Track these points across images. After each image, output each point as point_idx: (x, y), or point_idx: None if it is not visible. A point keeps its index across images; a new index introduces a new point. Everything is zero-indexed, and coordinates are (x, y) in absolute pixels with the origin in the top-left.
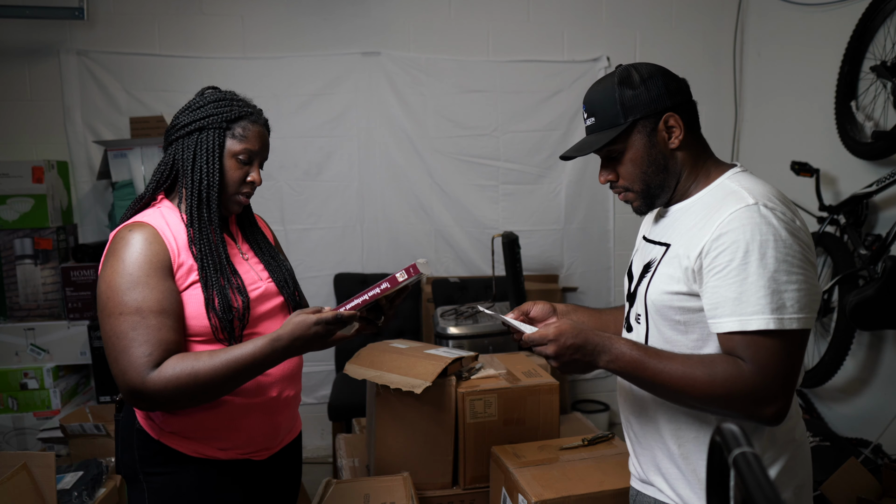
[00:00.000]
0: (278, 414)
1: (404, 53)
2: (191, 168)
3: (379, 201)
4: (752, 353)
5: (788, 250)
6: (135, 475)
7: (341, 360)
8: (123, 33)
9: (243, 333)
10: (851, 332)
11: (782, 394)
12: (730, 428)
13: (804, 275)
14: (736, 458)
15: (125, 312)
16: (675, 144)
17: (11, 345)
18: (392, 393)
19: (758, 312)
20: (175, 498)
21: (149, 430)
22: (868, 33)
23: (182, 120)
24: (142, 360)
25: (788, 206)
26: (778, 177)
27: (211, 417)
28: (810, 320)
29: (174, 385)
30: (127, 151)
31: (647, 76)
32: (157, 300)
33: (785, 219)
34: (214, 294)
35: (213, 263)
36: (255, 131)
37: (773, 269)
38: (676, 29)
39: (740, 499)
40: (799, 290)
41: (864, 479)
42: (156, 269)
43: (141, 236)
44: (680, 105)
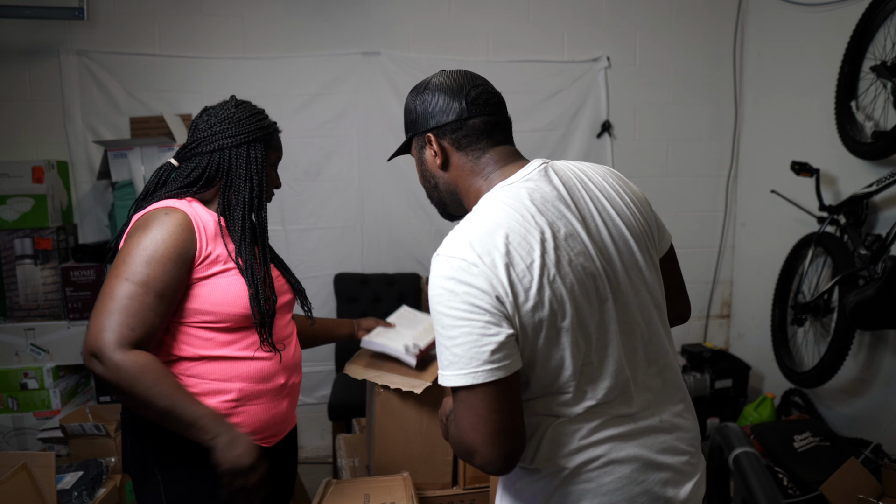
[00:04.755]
0: (285, 400)
1: (404, 53)
2: (244, 177)
3: (379, 201)
4: (454, 407)
5: (440, 302)
6: (147, 469)
7: (341, 360)
8: (123, 33)
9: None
10: (851, 332)
11: (483, 447)
12: (730, 428)
13: (458, 327)
14: (736, 458)
15: (132, 280)
16: (438, 164)
17: (11, 345)
18: (392, 393)
19: (439, 368)
20: (193, 489)
21: None
22: (868, 33)
23: (229, 129)
24: (124, 331)
25: (482, 237)
26: (778, 177)
27: (220, 401)
28: (479, 374)
29: (128, 375)
30: (127, 151)
31: (426, 90)
32: (165, 283)
33: (450, 263)
34: (263, 290)
35: (257, 264)
36: (280, 141)
37: (434, 319)
38: (676, 29)
39: (740, 498)
40: (457, 346)
41: (864, 479)
42: (177, 256)
43: (175, 221)
44: (446, 126)
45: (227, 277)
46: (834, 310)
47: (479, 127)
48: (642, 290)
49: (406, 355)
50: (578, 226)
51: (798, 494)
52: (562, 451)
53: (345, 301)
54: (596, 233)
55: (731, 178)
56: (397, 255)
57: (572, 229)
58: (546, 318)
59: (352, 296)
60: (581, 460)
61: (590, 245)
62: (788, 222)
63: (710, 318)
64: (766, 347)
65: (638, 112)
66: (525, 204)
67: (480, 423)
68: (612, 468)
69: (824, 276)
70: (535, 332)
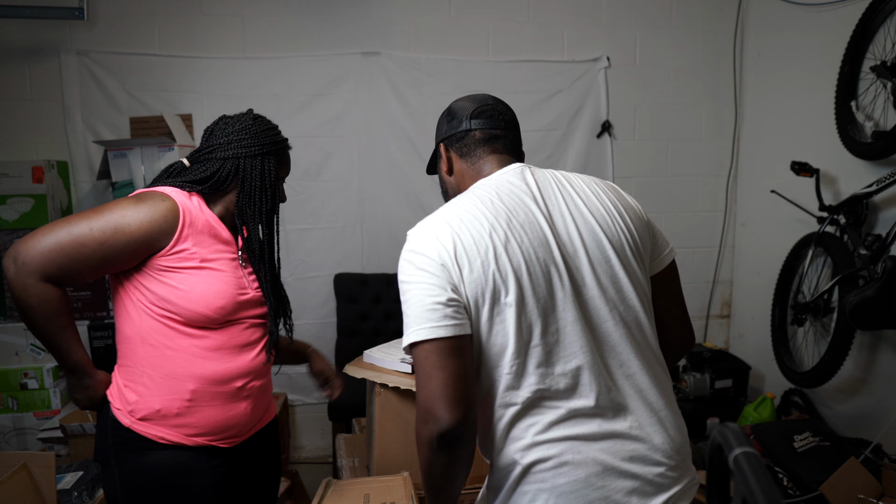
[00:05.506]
0: (242, 402)
1: (404, 53)
2: (259, 186)
3: (379, 201)
4: None
5: (400, 272)
6: (107, 461)
7: (341, 360)
8: (123, 33)
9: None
10: (851, 333)
11: (432, 403)
12: (730, 428)
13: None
14: (736, 458)
15: (93, 232)
16: (445, 170)
17: (11, 345)
18: (392, 393)
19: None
20: (145, 483)
21: (120, 418)
22: (868, 33)
23: (245, 140)
24: (53, 266)
25: (438, 221)
26: (778, 177)
27: (176, 402)
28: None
29: (30, 299)
30: (127, 151)
31: (447, 109)
32: (115, 253)
33: (410, 240)
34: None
35: (269, 264)
36: (288, 158)
37: (401, 296)
38: (676, 29)
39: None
40: (410, 307)
41: (864, 479)
42: (144, 238)
43: (163, 208)
44: (453, 136)
45: (196, 275)
46: (834, 310)
47: (479, 138)
48: (610, 289)
49: (401, 364)
50: (541, 217)
51: (798, 494)
52: (515, 445)
53: (345, 301)
54: (562, 227)
55: (731, 178)
56: (397, 255)
57: (532, 218)
58: (489, 291)
59: (352, 296)
60: (533, 458)
61: (550, 236)
62: (788, 222)
63: (710, 318)
64: (766, 347)
65: (638, 112)
66: (489, 192)
67: (427, 380)
68: (565, 470)
69: (824, 276)
70: (479, 303)
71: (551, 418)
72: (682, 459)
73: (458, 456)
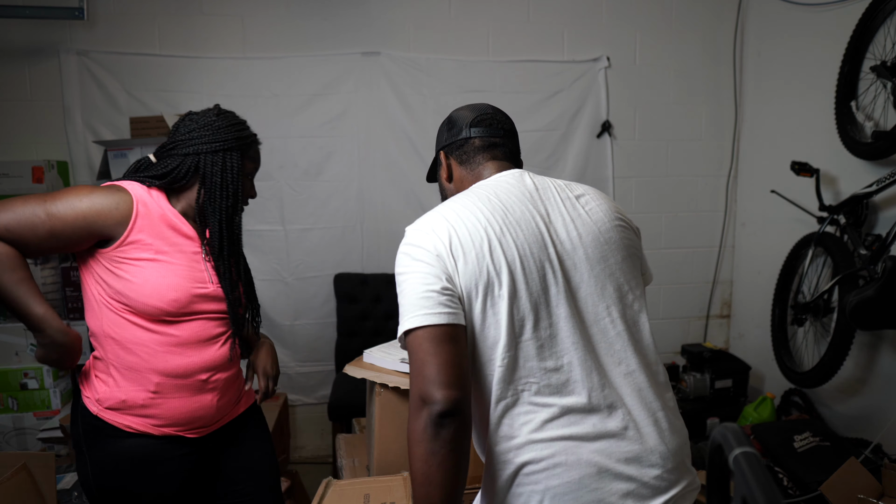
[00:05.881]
0: (208, 394)
1: (404, 53)
2: (220, 183)
3: (379, 201)
4: None
5: (397, 264)
6: (79, 448)
7: (341, 360)
8: (123, 33)
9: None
10: (851, 333)
11: (427, 387)
12: (730, 428)
13: (407, 280)
14: (736, 458)
15: (46, 206)
16: (445, 177)
17: (11, 345)
18: (392, 393)
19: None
20: (114, 470)
21: (89, 406)
22: (868, 33)
23: (206, 136)
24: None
25: (436, 216)
26: (778, 177)
27: (141, 394)
28: (415, 318)
29: None
30: (127, 151)
31: (447, 119)
32: (62, 229)
33: (408, 233)
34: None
35: (230, 261)
36: (257, 153)
37: (397, 288)
38: (676, 29)
39: (740, 498)
40: (405, 297)
41: (864, 479)
42: (92, 221)
43: (117, 199)
44: (453, 144)
45: (150, 268)
46: (834, 310)
47: (478, 145)
48: (608, 288)
49: (401, 364)
50: (537, 216)
51: (798, 494)
52: (509, 443)
53: (345, 301)
54: (560, 226)
55: (731, 178)
56: None
57: (528, 216)
58: (483, 283)
59: (352, 296)
60: (526, 458)
61: (546, 234)
62: (788, 222)
63: (710, 318)
64: (766, 347)
65: (638, 112)
66: (487, 191)
67: (422, 367)
68: (559, 471)
69: (824, 276)
70: (473, 295)
71: (545, 416)
72: (681, 461)
73: (454, 443)
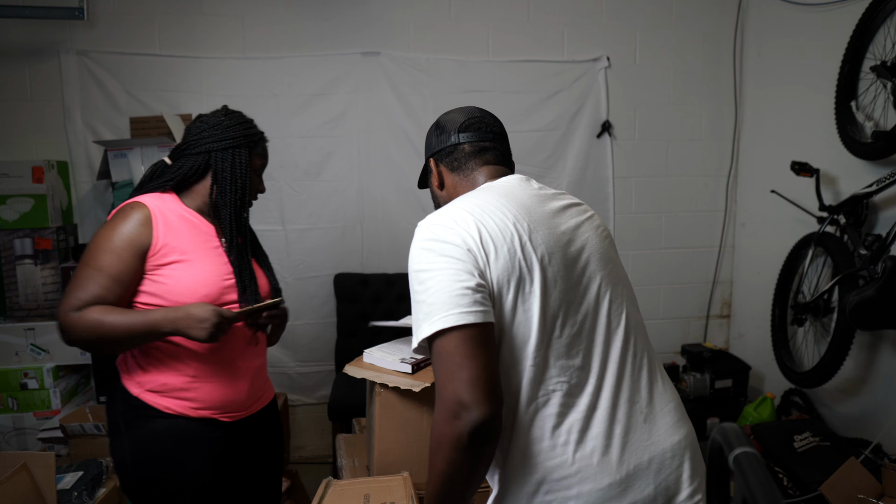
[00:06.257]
0: (241, 381)
1: (404, 53)
2: (230, 178)
3: (379, 201)
4: (433, 365)
5: (417, 261)
6: (117, 429)
7: (341, 360)
8: (123, 33)
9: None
10: (851, 333)
11: (465, 393)
12: (730, 428)
13: (433, 277)
14: (736, 458)
15: (91, 265)
16: (437, 184)
17: (11, 345)
18: (392, 392)
19: (414, 331)
20: (151, 447)
21: (130, 388)
22: (868, 33)
23: (216, 134)
24: (75, 301)
25: (456, 213)
26: (778, 177)
27: (181, 378)
28: (450, 317)
29: (83, 327)
30: (127, 151)
31: (434, 124)
32: (119, 269)
33: (426, 229)
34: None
35: (242, 251)
36: (265, 149)
37: (412, 283)
38: (676, 29)
39: (740, 498)
40: (432, 295)
41: (864, 479)
42: (130, 246)
43: (135, 217)
44: (442, 151)
45: (179, 269)
46: (834, 310)
47: (469, 151)
48: (618, 288)
49: (401, 364)
50: (553, 217)
51: (798, 494)
52: (537, 446)
53: (345, 301)
54: (573, 228)
55: (731, 178)
56: (397, 255)
57: (546, 216)
58: (515, 279)
59: (352, 296)
60: (556, 462)
61: (564, 235)
62: (788, 222)
63: (710, 318)
64: (766, 347)
65: (638, 112)
66: (502, 191)
67: (457, 370)
68: (589, 474)
69: (824, 276)
70: (504, 291)
71: (575, 417)
72: (694, 454)
73: (486, 454)
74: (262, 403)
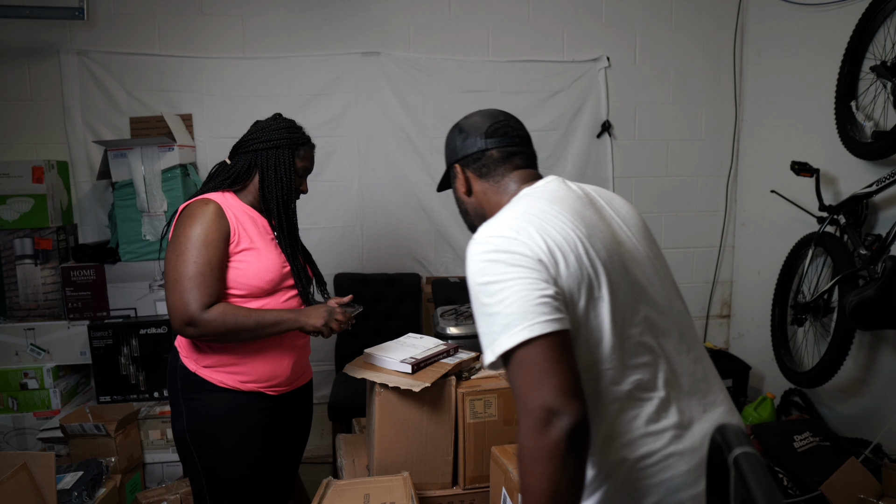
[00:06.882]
0: (285, 358)
1: (404, 53)
2: (273, 176)
3: (379, 201)
4: (511, 379)
5: (484, 274)
6: (176, 400)
7: (341, 360)
8: (123, 33)
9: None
10: (851, 332)
11: (556, 399)
12: (730, 428)
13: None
14: (736, 458)
15: (197, 262)
16: (463, 191)
17: (11, 345)
18: (392, 393)
19: (486, 347)
20: (206, 417)
21: (188, 364)
22: (868, 33)
23: (263, 136)
24: (204, 298)
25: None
26: (778, 177)
27: (231, 355)
28: (535, 326)
29: (218, 322)
30: (127, 151)
31: (456, 128)
32: (219, 259)
33: (487, 241)
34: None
35: (290, 243)
36: (310, 154)
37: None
38: (676, 29)
39: (740, 498)
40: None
41: (864, 479)
42: (220, 237)
43: (213, 210)
44: (469, 157)
45: (251, 255)
46: (834, 310)
47: (497, 157)
48: (667, 283)
49: (401, 364)
50: (602, 219)
51: (798, 494)
52: (619, 441)
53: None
54: (622, 229)
55: (731, 178)
56: (397, 255)
57: (596, 219)
58: (584, 285)
59: (352, 296)
60: (639, 453)
61: (616, 236)
62: (788, 222)
63: (710, 318)
64: (766, 347)
65: (638, 112)
66: (550, 197)
67: (544, 377)
68: (671, 462)
69: (824, 276)
70: (576, 297)
71: (650, 410)
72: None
73: (583, 459)
74: (302, 381)
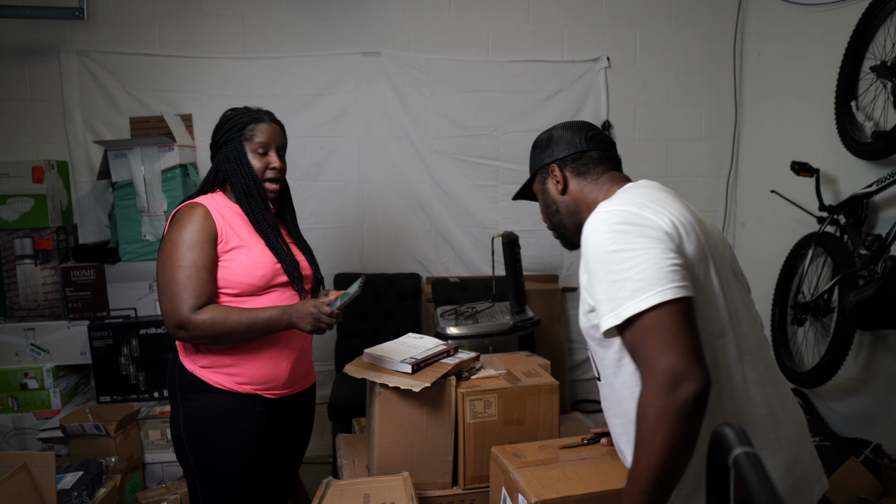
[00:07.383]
0: (283, 360)
1: (404, 53)
2: (231, 169)
3: (379, 201)
4: (635, 342)
5: (613, 242)
6: (174, 400)
7: (341, 360)
8: (123, 33)
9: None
10: (851, 332)
11: (685, 364)
12: (730, 428)
13: (637, 256)
14: (736, 458)
15: (186, 265)
16: (558, 189)
17: (11, 345)
18: (392, 392)
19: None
20: (202, 418)
21: (186, 364)
22: (868, 33)
23: (214, 138)
24: (191, 301)
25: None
26: (778, 177)
27: (227, 356)
28: (667, 291)
29: (208, 324)
30: (127, 151)
31: (551, 134)
32: (207, 262)
33: (614, 214)
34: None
35: (272, 233)
36: (262, 128)
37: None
38: (676, 29)
39: (740, 499)
40: (640, 272)
41: (864, 479)
42: (206, 238)
43: (199, 213)
44: (567, 157)
45: (240, 253)
46: (834, 310)
47: (596, 158)
48: (742, 279)
49: (401, 364)
50: (694, 216)
51: None
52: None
53: None
54: (709, 227)
55: (731, 178)
56: (397, 255)
57: (691, 212)
58: (703, 262)
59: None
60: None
61: (705, 226)
62: (788, 222)
63: None
64: None
65: (638, 112)
66: (658, 188)
67: (674, 342)
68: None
69: (824, 276)
70: (697, 271)
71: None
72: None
73: (700, 424)
74: (304, 385)
